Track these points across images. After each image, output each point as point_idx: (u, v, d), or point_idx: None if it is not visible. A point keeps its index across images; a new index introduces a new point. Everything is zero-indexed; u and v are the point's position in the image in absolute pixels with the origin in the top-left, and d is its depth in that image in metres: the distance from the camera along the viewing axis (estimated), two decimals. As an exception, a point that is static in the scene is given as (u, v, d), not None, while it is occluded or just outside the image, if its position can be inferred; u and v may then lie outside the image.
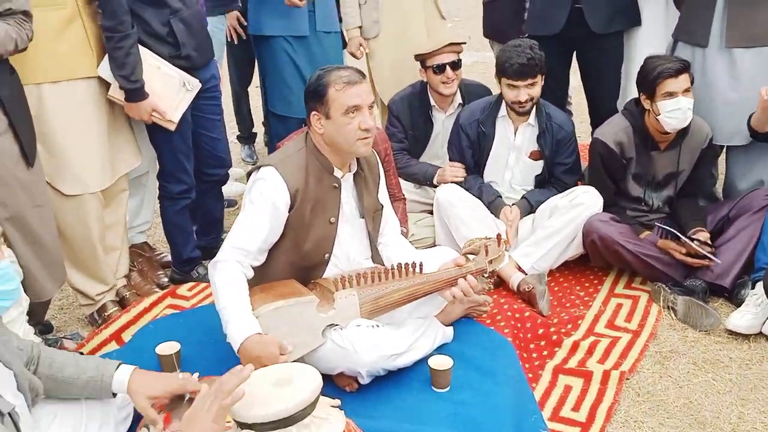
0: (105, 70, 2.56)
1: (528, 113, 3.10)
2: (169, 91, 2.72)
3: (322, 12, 3.35)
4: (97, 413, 1.85)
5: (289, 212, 2.20)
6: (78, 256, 2.65)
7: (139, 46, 2.61)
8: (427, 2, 3.72)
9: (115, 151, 2.71)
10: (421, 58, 3.34)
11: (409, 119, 3.44)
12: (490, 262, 2.40)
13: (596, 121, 3.53)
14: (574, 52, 3.54)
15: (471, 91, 3.48)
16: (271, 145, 3.67)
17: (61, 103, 2.46)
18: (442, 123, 3.47)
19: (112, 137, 2.68)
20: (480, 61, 7.42)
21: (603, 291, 2.97)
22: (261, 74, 3.67)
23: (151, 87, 2.64)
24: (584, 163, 3.36)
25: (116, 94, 2.61)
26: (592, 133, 3.59)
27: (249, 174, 2.28)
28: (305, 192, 2.21)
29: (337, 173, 2.28)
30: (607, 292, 2.96)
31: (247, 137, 4.66)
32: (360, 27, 3.70)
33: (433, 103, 3.44)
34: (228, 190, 3.62)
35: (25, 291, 2.18)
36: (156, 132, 2.85)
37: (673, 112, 2.76)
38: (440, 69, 3.28)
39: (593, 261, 3.02)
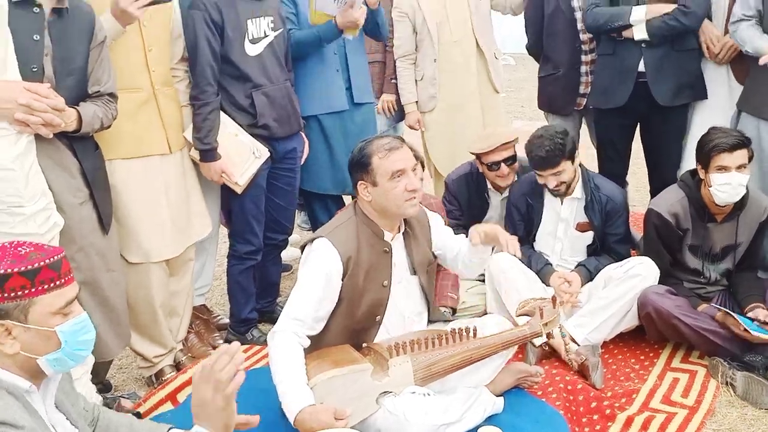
0: (188, 132, 2.81)
1: (566, 193, 3.13)
2: (240, 156, 2.90)
3: (357, 85, 3.48)
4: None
5: (342, 280, 2.28)
6: (140, 320, 2.76)
7: (222, 114, 2.84)
8: (482, 77, 3.84)
9: (186, 222, 2.85)
10: (478, 154, 3.35)
11: (466, 198, 3.48)
12: (545, 324, 2.41)
13: (656, 190, 3.53)
14: (638, 124, 3.57)
15: (526, 167, 3.51)
16: (311, 220, 3.76)
17: (131, 178, 2.62)
18: (499, 203, 3.49)
19: (183, 208, 2.82)
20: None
21: (659, 365, 2.91)
22: None
23: (224, 151, 2.84)
24: (641, 233, 3.34)
25: (194, 153, 2.83)
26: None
27: (303, 247, 2.38)
28: (358, 259, 2.29)
29: (387, 236, 2.37)
30: (663, 365, 2.90)
31: (306, 206, 4.79)
32: (416, 102, 3.85)
33: (489, 186, 3.47)
34: (285, 254, 3.73)
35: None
36: (231, 195, 3.02)
37: (723, 186, 2.75)
38: (496, 166, 3.30)
39: (649, 334, 2.97)
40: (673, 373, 2.83)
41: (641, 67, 3.32)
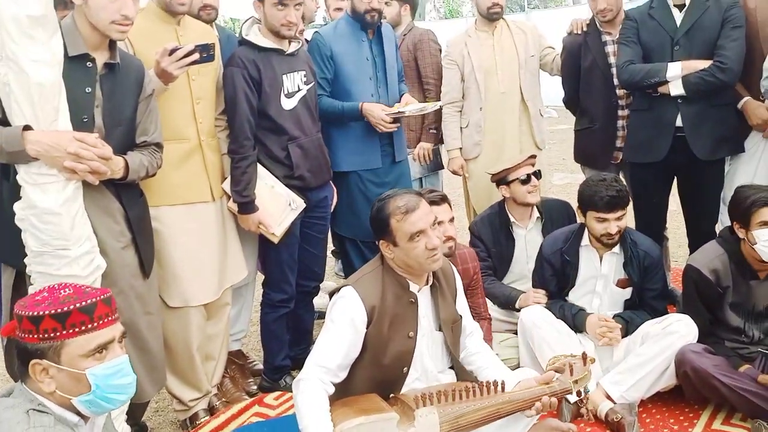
0: (227, 184, 2.89)
1: (615, 244, 3.11)
2: (277, 208, 2.98)
3: (398, 144, 3.57)
4: None
5: (367, 328, 2.30)
6: (177, 363, 2.82)
7: (260, 166, 2.93)
8: (524, 131, 3.90)
9: (224, 267, 2.92)
10: (503, 175, 3.45)
11: (491, 238, 3.52)
12: (576, 381, 2.36)
13: (694, 244, 3.48)
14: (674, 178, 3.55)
15: (550, 207, 3.57)
16: (345, 267, 3.80)
17: (176, 224, 2.72)
18: (524, 238, 3.53)
19: (222, 254, 2.91)
20: (573, 183, 7.48)
21: (699, 425, 2.81)
22: None
23: (261, 202, 2.92)
24: (680, 289, 3.28)
25: (232, 205, 2.91)
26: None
27: (331, 294, 2.41)
28: (382, 308, 2.31)
29: (413, 288, 2.38)
30: (703, 427, 2.80)
31: (341, 252, 4.85)
32: (460, 148, 3.92)
33: (513, 219, 3.52)
34: (318, 302, 3.77)
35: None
36: (266, 244, 3.09)
37: (768, 242, 2.70)
38: (527, 179, 3.39)
39: (687, 394, 2.88)
40: (714, 436, 2.74)
41: (678, 122, 3.31)
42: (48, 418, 1.47)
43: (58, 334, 1.50)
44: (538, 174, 3.47)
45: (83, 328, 1.52)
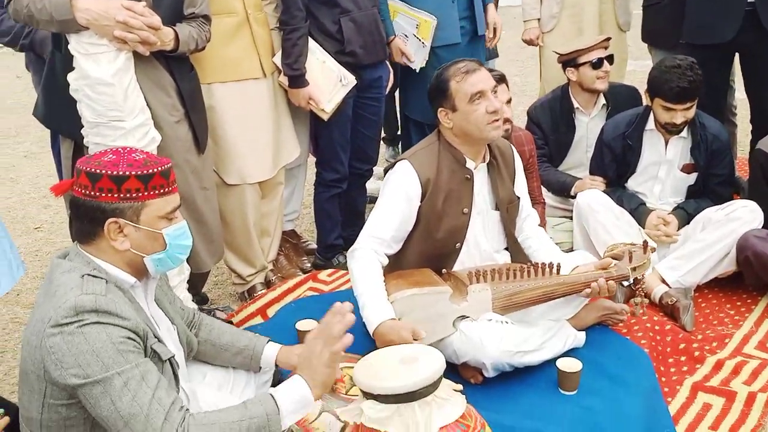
0: (277, 58, 2.84)
1: (681, 130, 2.96)
2: (328, 83, 2.92)
3: (480, 17, 3.38)
4: (241, 376, 2.02)
5: (421, 202, 2.28)
6: (235, 239, 2.88)
7: (311, 40, 2.85)
8: (605, 8, 3.68)
9: (277, 146, 2.92)
10: (573, 56, 3.28)
11: (550, 124, 3.40)
12: (634, 269, 2.32)
13: (758, 128, 3.29)
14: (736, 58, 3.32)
15: (617, 92, 3.39)
16: (404, 148, 3.70)
17: (228, 101, 2.70)
18: (586, 126, 3.40)
19: (275, 132, 2.89)
20: (638, 70, 7.11)
21: (756, 311, 2.77)
22: (401, 80, 3.76)
23: (312, 78, 2.86)
24: (745, 177, 3.14)
25: (283, 79, 2.87)
26: (752, 147, 3.36)
27: (386, 171, 2.40)
28: (437, 182, 2.28)
29: (470, 164, 2.33)
30: (761, 312, 2.76)
31: (392, 139, 4.80)
32: (539, 19, 3.75)
33: (576, 105, 3.38)
34: (370, 186, 3.77)
35: (187, 262, 2.42)
36: (318, 123, 3.06)
37: None
38: (599, 63, 3.23)
39: (747, 279, 2.82)
40: (771, 321, 2.69)
41: None
42: (100, 284, 1.51)
43: (140, 194, 1.54)
44: (611, 59, 3.28)
45: (162, 191, 1.57)
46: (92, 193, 1.52)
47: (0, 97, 7.33)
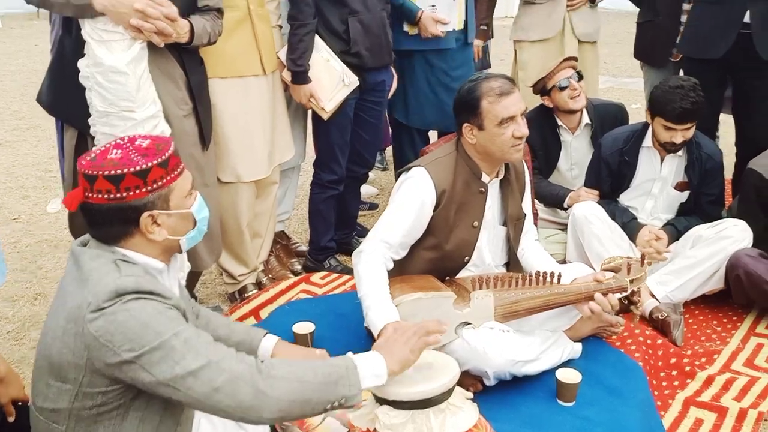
0: (282, 53, 2.82)
1: (678, 150, 3.02)
2: (330, 82, 2.91)
3: (471, 25, 3.41)
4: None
5: (434, 211, 2.28)
6: (227, 238, 2.84)
7: (316, 37, 2.84)
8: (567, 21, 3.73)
9: (273, 144, 2.89)
10: (542, 85, 3.27)
11: (538, 139, 3.37)
12: (632, 281, 2.35)
13: (746, 153, 3.36)
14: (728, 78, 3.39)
15: (602, 111, 3.39)
16: (396, 155, 3.70)
17: (228, 97, 2.66)
18: (570, 144, 3.39)
19: (271, 131, 2.86)
20: (615, 87, 7.25)
21: (743, 328, 2.83)
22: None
23: (315, 75, 2.85)
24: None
25: (286, 75, 2.85)
26: (736, 166, 3.44)
27: (398, 175, 2.39)
28: (451, 194, 2.28)
29: (485, 178, 2.34)
30: (747, 330, 2.82)
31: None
32: None
33: (560, 123, 3.37)
34: (364, 191, 3.76)
35: (188, 260, 2.37)
36: (318, 123, 3.04)
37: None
38: (565, 82, 3.20)
39: (735, 297, 2.88)
40: (757, 338, 2.76)
41: (747, 18, 3.12)
42: (137, 268, 1.49)
43: (164, 180, 1.50)
44: (578, 74, 3.23)
45: (179, 170, 1.55)
46: (118, 195, 1.46)
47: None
